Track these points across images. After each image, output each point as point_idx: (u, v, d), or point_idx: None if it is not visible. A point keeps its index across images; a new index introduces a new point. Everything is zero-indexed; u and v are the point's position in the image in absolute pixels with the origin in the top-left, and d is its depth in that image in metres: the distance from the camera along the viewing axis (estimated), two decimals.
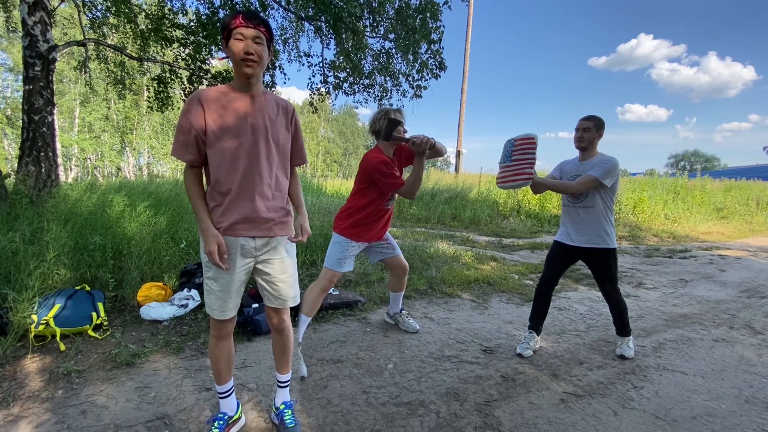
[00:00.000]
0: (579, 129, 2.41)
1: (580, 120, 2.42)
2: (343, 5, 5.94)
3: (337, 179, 20.79)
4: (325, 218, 5.79)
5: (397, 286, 2.76)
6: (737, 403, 2.07)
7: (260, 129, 1.49)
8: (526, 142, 2.18)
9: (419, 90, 7.41)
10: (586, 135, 2.38)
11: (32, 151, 4.87)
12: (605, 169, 2.29)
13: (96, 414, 1.76)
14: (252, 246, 1.52)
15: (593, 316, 3.30)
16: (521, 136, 2.22)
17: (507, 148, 2.27)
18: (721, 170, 35.27)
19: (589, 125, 2.38)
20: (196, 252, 3.66)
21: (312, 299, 2.35)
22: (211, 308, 1.53)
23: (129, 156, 26.32)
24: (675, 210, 10.00)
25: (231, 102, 1.46)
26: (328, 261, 2.41)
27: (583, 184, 2.31)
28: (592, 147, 2.41)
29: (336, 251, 2.39)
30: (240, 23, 1.39)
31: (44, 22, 4.96)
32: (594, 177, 2.29)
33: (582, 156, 2.46)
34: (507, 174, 2.24)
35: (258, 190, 1.48)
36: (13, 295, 2.43)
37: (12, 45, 21.23)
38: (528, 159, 2.17)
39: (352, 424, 1.77)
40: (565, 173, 2.52)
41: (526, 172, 2.17)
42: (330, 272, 2.39)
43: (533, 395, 2.06)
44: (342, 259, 2.38)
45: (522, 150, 2.19)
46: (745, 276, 4.96)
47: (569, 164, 2.53)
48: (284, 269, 1.60)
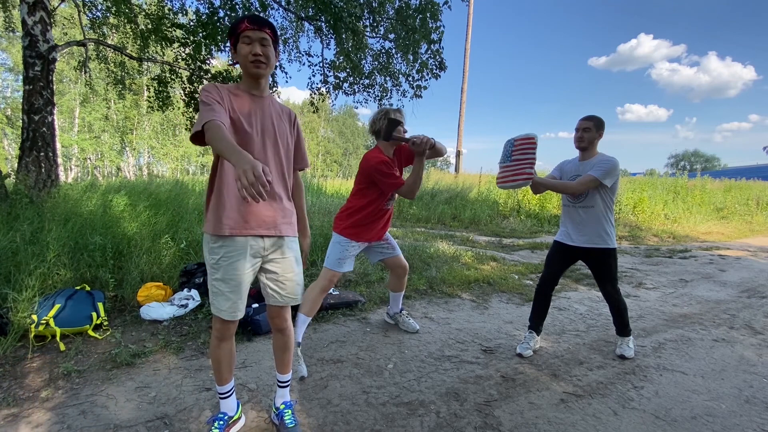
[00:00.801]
0: (579, 129, 2.41)
1: (580, 120, 2.42)
2: (343, 5, 5.94)
3: (337, 179, 20.79)
4: (325, 218, 5.79)
5: (397, 286, 2.77)
6: (737, 403, 2.07)
7: (268, 130, 1.51)
8: (526, 142, 2.18)
9: (419, 90, 7.41)
10: (586, 135, 2.38)
11: (32, 151, 4.88)
12: (605, 169, 2.29)
13: (96, 414, 1.76)
14: (261, 246, 1.53)
15: (593, 316, 3.30)
16: (521, 136, 2.22)
17: (507, 148, 2.27)
18: (721, 170, 35.28)
19: (589, 125, 2.38)
20: (196, 252, 3.67)
21: (312, 299, 2.35)
22: (220, 310, 1.52)
23: (129, 156, 26.33)
24: (675, 210, 10.01)
25: (241, 101, 1.48)
26: (328, 261, 2.41)
27: (583, 185, 2.31)
28: (592, 147, 2.41)
29: (336, 251, 2.39)
30: (246, 26, 1.42)
31: (44, 22, 4.97)
32: (594, 177, 2.29)
33: (582, 156, 2.46)
34: (507, 174, 2.25)
35: None
36: (13, 295, 2.43)
37: (12, 45, 21.24)
38: (528, 159, 2.17)
39: (352, 424, 1.77)
40: (565, 173, 2.52)
41: (526, 172, 2.17)
42: (330, 272, 2.39)
43: (533, 395, 2.06)
44: (342, 259, 2.38)
45: (522, 150, 2.19)
46: (745, 276, 4.96)
47: (569, 164, 2.53)
48: (291, 268, 1.62)
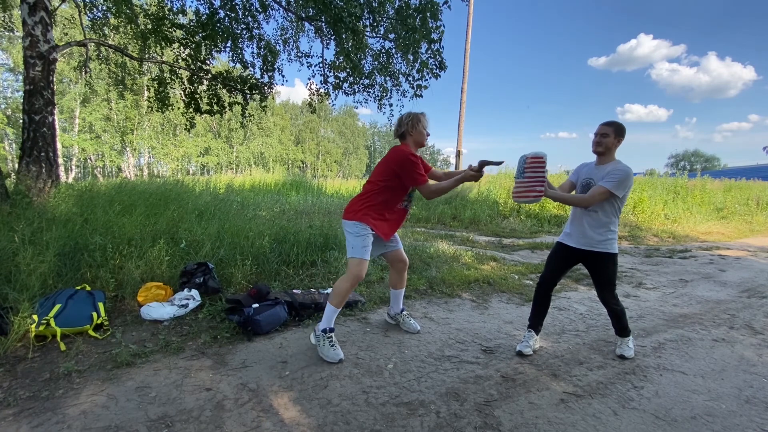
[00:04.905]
0: (597, 134, 2.42)
1: (600, 125, 2.43)
2: (343, 5, 5.94)
3: (337, 179, 20.79)
4: (325, 218, 5.80)
5: (397, 282, 2.79)
6: (737, 403, 2.07)
7: None
8: (536, 161, 2.27)
9: (419, 90, 7.41)
10: (604, 140, 2.39)
11: (33, 151, 4.88)
12: (617, 179, 2.29)
13: (96, 414, 1.76)
14: None
15: (593, 316, 3.30)
16: (532, 154, 2.29)
17: (520, 164, 2.35)
18: (721, 170, 35.22)
19: (608, 131, 2.38)
20: (196, 252, 3.67)
21: (342, 292, 2.37)
22: None
23: (129, 156, 26.34)
24: (675, 210, 10.00)
25: None
26: (352, 251, 2.39)
27: (594, 198, 2.32)
28: (610, 153, 2.42)
29: (357, 240, 2.39)
30: None
31: (45, 23, 4.97)
32: (605, 189, 2.30)
33: (599, 161, 2.47)
34: (521, 189, 2.32)
35: None
36: (14, 295, 2.43)
37: (12, 45, 21.25)
38: (538, 178, 2.24)
39: (352, 424, 1.77)
40: (580, 177, 2.54)
41: (537, 190, 2.24)
42: (357, 261, 2.37)
43: (533, 395, 2.07)
44: (365, 246, 2.39)
45: (533, 168, 2.27)
46: (745, 276, 4.96)
47: (585, 168, 2.55)
48: None
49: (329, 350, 2.34)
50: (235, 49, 6.91)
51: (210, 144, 33.67)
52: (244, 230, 4.13)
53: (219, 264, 3.52)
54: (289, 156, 44.17)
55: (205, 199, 5.71)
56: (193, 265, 3.27)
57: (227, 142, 36.50)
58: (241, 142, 37.78)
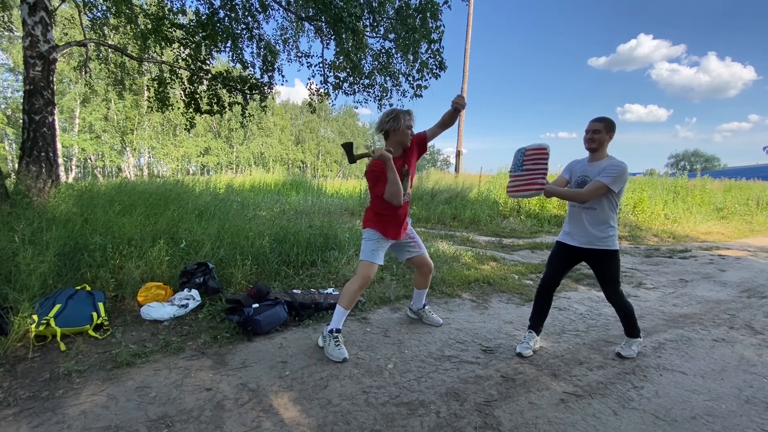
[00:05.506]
0: (589, 130, 2.41)
1: (591, 121, 2.42)
2: (343, 5, 5.94)
3: (336, 179, 20.79)
4: (325, 218, 5.80)
5: (422, 283, 2.90)
6: (737, 403, 2.07)
7: None
8: (538, 153, 2.21)
9: (419, 90, 7.41)
10: (596, 136, 2.38)
11: (33, 151, 4.88)
12: (614, 174, 2.29)
13: (96, 414, 1.76)
14: None
15: (593, 316, 3.30)
16: (533, 145, 2.23)
17: (518, 158, 2.28)
18: (721, 170, 35.22)
19: (599, 127, 2.38)
20: (196, 252, 3.67)
21: (350, 293, 2.42)
22: None
23: (129, 156, 26.35)
24: (675, 210, 10.00)
25: None
26: (363, 254, 2.52)
27: (591, 192, 2.31)
28: (602, 149, 2.41)
29: (369, 245, 2.51)
30: None
31: (45, 23, 4.97)
32: (603, 184, 2.29)
33: (591, 157, 2.46)
34: (519, 183, 2.26)
35: None
36: (14, 295, 2.43)
37: (12, 45, 21.26)
38: (540, 169, 2.19)
39: (352, 424, 1.77)
40: (574, 173, 2.52)
41: (539, 183, 2.19)
42: (366, 264, 2.48)
43: (533, 395, 2.07)
44: (375, 250, 2.49)
45: (534, 160, 2.21)
46: (745, 276, 4.96)
47: (578, 164, 2.53)
48: None
49: (334, 349, 2.37)
50: (235, 49, 6.91)
51: (210, 144, 33.69)
52: (244, 230, 4.13)
53: (219, 264, 3.52)
54: (289, 156, 44.16)
55: (205, 199, 5.71)
56: (193, 265, 3.26)
57: (227, 142, 36.51)
58: (241, 142, 37.78)
